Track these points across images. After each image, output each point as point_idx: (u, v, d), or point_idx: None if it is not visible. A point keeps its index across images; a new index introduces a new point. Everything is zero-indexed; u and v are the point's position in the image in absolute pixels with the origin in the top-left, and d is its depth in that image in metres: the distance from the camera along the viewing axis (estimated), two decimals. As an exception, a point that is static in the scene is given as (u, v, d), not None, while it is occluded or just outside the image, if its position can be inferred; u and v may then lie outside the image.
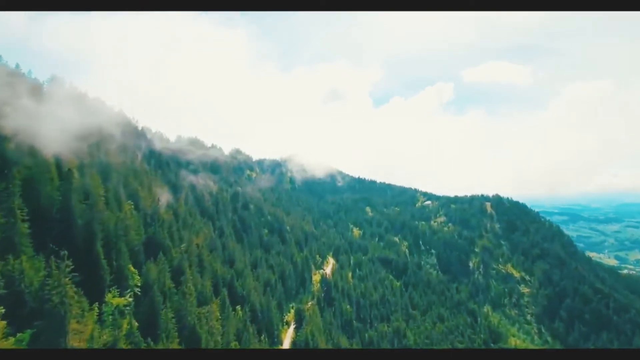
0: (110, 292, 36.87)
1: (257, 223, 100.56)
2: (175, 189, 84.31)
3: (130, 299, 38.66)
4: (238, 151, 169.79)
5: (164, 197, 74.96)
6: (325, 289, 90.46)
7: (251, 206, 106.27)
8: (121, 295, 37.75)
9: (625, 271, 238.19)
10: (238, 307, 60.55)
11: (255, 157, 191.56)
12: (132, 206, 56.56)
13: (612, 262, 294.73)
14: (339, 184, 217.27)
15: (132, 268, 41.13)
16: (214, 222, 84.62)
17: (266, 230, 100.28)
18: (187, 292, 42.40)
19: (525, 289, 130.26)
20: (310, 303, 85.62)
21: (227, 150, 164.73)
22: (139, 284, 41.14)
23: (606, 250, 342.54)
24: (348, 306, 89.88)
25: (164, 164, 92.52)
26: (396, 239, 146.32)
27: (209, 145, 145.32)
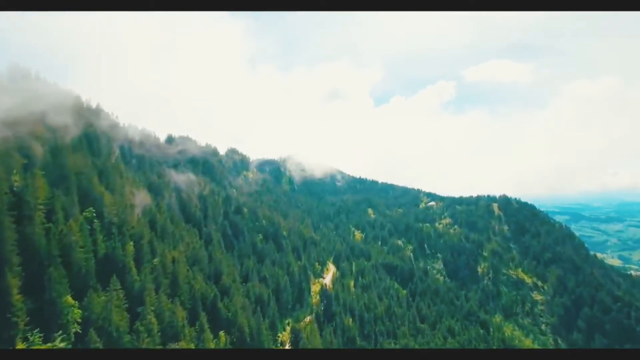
0: (28, 338, 26.31)
1: (251, 228, 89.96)
2: (157, 191, 73.74)
3: (63, 344, 28.11)
4: (234, 151, 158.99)
5: (143, 201, 64.51)
6: (325, 302, 79.86)
7: (244, 209, 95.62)
8: (47, 339, 27.21)
9: (632, 272, 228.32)
10: (222, 334, 50.01)
11: (253, 157, 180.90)
12: (94, 214, 46.16)
13: (616, 262, 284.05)
14: (340, 185, 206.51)
15: (70, 300, 30.57)
16: (201, 229, 74.08)
17: (260, 236, 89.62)
18: (142, 330, 31.82)
19: (538, 296, 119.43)
20: (308, 318, 75.13)
21: (222, 150, 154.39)
22: (80, 320, 30.58)
23: (609, 250, 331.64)
24: (350, 320, 79.34)
25: (146, 164, 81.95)
26: (400, 242, 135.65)
27: (203, 144, 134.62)
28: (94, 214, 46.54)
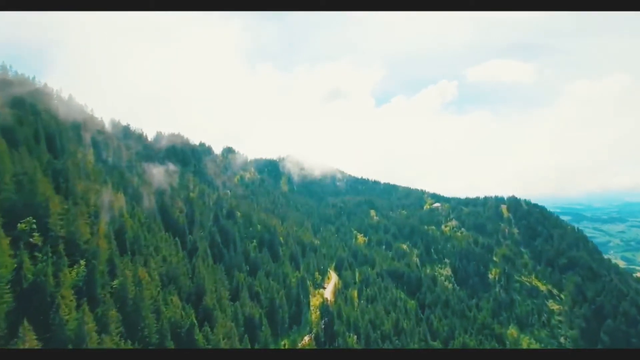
0: None
1: (244, 235, 79.21)
2: (134, 194, 62.94)
3: None
4: (230, 150, 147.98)
5: (115, 206, 53.62)
6: (325, 319, 68.95)
7: (237, 213, 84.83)
8: None
9: (637, 274, 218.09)
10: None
11: (251, 157, 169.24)
12: (33, 226, 35.49)
13: (620, 263, 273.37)
14: (341, 185, 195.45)
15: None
16: (185, 238, 63.25)
17: (255, 243, 78.73)
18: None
19: (554, 306, 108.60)
20: (306, 339, 64.43)
21: (218, 150, 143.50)
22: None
23: (612, 251, 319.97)
24: (355, 339, 68.57)
25: (125, 163, 71.10)
26: (405, 246, 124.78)
27: (196, 143, 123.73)
28: (34, 226, 35.93)
